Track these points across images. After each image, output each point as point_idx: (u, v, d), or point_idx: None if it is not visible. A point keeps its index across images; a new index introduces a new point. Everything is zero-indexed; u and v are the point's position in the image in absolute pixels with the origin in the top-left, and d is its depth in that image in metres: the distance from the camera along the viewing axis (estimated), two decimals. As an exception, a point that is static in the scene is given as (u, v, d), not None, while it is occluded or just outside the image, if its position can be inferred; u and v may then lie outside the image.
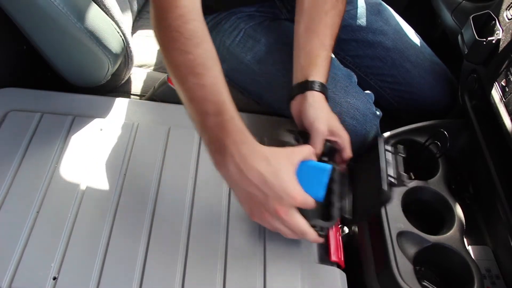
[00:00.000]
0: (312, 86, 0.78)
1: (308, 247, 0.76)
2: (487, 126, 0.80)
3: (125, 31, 0.96)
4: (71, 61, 0.96)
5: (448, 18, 1.02)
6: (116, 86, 1.08)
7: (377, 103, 0.96)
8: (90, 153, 0.84)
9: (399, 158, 0.73)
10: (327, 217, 0.72)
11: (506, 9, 0.77)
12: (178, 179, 0.82)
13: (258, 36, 0.96)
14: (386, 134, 0.88)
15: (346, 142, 0.77)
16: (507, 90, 0.72)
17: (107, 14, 0.91)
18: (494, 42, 0.77)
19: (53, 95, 0.94)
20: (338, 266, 0.76)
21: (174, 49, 0.64)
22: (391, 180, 0.68)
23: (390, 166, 0.70)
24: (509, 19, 0.76)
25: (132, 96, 1.11)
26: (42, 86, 0.95)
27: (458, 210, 0.79)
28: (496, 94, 0.75)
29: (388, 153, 0.72)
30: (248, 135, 0.64)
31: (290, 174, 0.63)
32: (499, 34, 0.76)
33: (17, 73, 1.03)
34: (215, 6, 1.00)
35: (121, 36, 0.94)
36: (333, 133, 0.76)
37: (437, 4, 1.08)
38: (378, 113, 0.94)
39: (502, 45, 0.76)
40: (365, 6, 1.06)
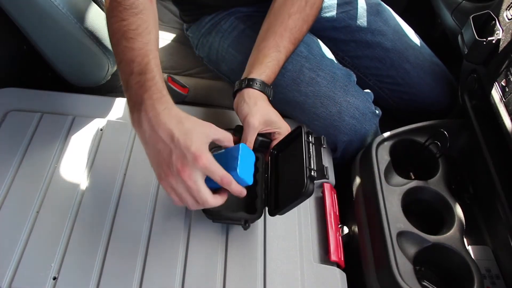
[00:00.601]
0: (250, 83, 0.77)
1: (308, 247, 0.76)
2: (487, 126, 0.80)
3: (125, 31, 0.96)
4: (71, 61, 0.96)
5: (448, 18, 1.02)
6: (116, 86, 1.08)
7: (376, 104, 0.96)
8: (90, 153, 0.84)
9: (322, 149, 0.71)
10: (252, 209, 0.72)
11: (506, 9, 0.77)
12: (178, 179, 0.82)
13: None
14: (386, 134, 0.88)
15: (284, 132, 0.77)
16: (507, 90, 0.72)
17: (107, 14, 0.91)
18: (494, 42, 0.77)
19: (53, 95, 0.94)
20: (338, 266, 0.76)
21: (113, 16, 0.69)
22: (312, 173, 0.67)
23: (311, 159, 0.69)
24: (509, 19, 0.76)
25: (132, 96, 1.10)
26: (42, 86, 0.95)
27: (458, 210, 0.79)
28: (496, 94, 0.75)
29: (310, 144, 0.71)
30: (166, 96, 0.65)
31: (200, 138, 0.62)
32: (499, 34, 0.76)
33: (17, 73, 1.03)
34: (215, 6, 1.00)
35: (121, 36, 0.94)
36: (269, 124, 0.75)
37: (437, 4, 1.08)
38: (377, 112, 0.94)
39: (502, 45, 0.76)
40: (364, 7, 1.06)
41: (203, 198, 0.62)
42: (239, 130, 0.76)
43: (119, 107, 0.93)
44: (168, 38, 1.21)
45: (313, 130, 0.92)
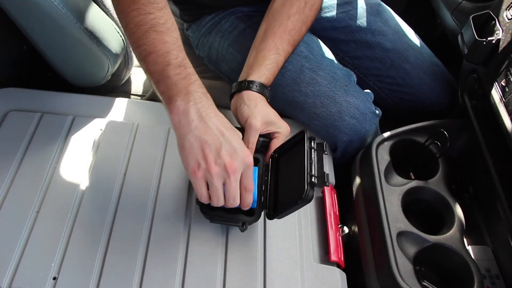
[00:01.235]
0: (250, 86, 0.77)
1: (308, 247, 0.76)
2: (487, 126, 0.80)
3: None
4: (71, 61, 0.96)
5: (448, 18, 1.02)
6: (116, 86, 1.08)
7: (376, 104, 0.96)
8: (90, 153, 0.84)
9: (324, 156, 0.71)
10: (250, 212, 0.72)
11: (506, 9, 0.77)
12: (179, 179, 0.82)
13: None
14: (386, 134, 0.88)
15: (284, 132, 0.77)
16: (507, 90, 0.72)
17: (107, 14, 0.91)
18: (494, 42, 0.77)
19: (53, 95, 0.94)
20: (338, 266, 0.76)
21: (135, 9, 0.67)
22: (313, 179, 0.67)
23: (313, 165, 0.69)
24: (509, 19, 0.76)
25: (132, 96, 1.11)
26: (42, 86, 0.95)
27: (458, 210, 0.79)
28: (496, 94, 0.75)
29: (312, 150, 0.71)
30: (208, 93, 0.67)
31: (242, 142, 0.66)
32: (499, 34, 0.76)
33: (17, 73, 1.03)
34: (215, 5, 1.00)
35: (121, 36, 0.94)
36: (269, 124, 0.75)
37: (437, 4, 1.08)
38: (377, 112, 0.94)
39: (502, 45, 0.76)
40: (364, 7, 1.06)
41: (237, 195, 0.65)
42: (241, 132, 0.76)
43: (119, 107, 0.93)
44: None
45: (313, 130, 0.92)
